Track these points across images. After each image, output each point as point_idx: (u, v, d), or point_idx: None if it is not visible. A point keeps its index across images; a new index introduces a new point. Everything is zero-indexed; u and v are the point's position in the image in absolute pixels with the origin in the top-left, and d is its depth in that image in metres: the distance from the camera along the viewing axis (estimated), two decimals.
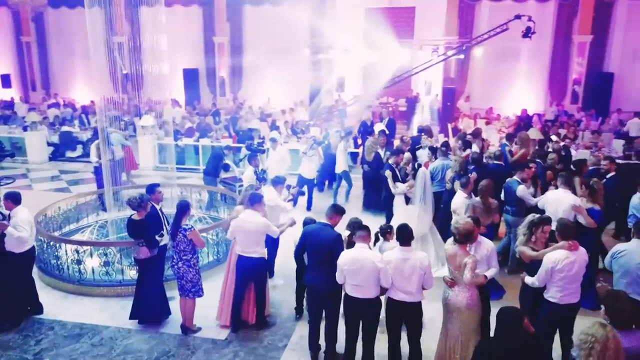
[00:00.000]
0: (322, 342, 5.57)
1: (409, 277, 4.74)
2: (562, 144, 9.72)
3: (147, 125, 14.10)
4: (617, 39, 18.35)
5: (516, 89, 19.29)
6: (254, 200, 5.96)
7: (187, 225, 5.84)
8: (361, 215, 8.79)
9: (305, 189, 9.88)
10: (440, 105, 18.18)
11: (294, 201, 9.38)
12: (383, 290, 4.93)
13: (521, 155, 9.46)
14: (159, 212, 6.36)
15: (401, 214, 7.35)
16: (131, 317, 6.24)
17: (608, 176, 8.04)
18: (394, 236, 5.25)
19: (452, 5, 18.87)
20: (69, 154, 15.32)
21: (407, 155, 8.58)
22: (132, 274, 7.11)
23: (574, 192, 7.00)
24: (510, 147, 10.31)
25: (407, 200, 7.89)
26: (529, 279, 4.96)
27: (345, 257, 4.91)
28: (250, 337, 6.02)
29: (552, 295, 4.80)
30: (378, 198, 9.93)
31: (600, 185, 6.79)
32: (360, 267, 4.81)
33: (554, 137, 10.52)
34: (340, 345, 5.45)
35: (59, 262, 7.21)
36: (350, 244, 5.19)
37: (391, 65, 18.54)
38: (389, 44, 18.36)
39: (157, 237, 6.11)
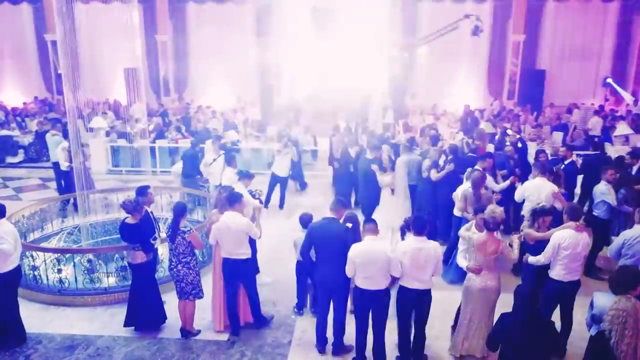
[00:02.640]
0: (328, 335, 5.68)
1: (424, 265, 4.94)
2: (517, 136, 10.37)
3: (99, 128, 13.49)
4: (548, 38, 19.72)
5: (458, 86, 20.24)
6: (233, 201, 5.81)
7: (185, 227, 5.75)
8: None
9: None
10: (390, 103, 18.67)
11: (266, 202, 9.45)
12: (394, 281, 5.10)
13: (479, 148, 10.00)
14: (150, 214, 6.20)
15: (387, 205, 7.58)
16: (126, 324, 6.04)
17: (566, 162, 8.72)
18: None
19: (395, 4, 19.47)
20: (10, 159, 14.35)
21: (386, 148, 8.86)
22: (113, 281, 6.86)
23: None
24: (468, 140, 10.88)
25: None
26: (532, 259, 5.37)
27: (357, 250, 5.04)
28: (252, 336, 6.00)
29: (557, 273, 5.23)
30: (348, 193, 10.21)
31: (562, 172, 7.46)
32: (372, 259, 4.96)
33: (509, 131, 11.19)
34: (347, 338, 5.62)
35: (36, 273, 6.81)
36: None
37: (341, 63, 18.90)
38: (336, 42, 18.71)
39: (151, 241, 5.96)
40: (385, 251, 4.98)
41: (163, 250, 6.85)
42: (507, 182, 7.90)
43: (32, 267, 6.80)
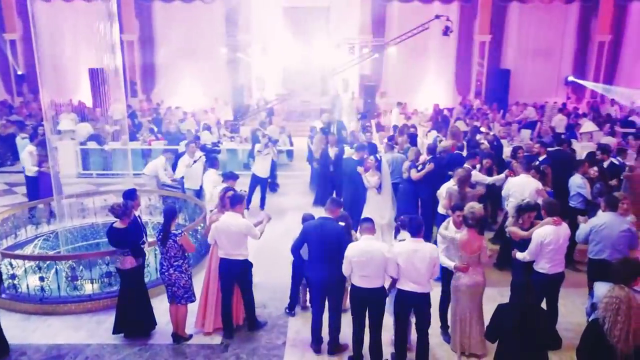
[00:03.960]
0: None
1: (419, 267, 4.93)
2: (491, 133, 10.63)
3: (67, 130, 13.08)
4: (512, 39, 20.29)
5: (427, 85, 20.58)
6: (235, 202, 5.83)
7: (176, 230, 5.66)
8: (313, 210, 9.07)
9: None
10: (360, 103, 18.86)
11: (247, 203, 9.37)
12: (393, 283, 5.13)
13: (451, 146, 10.18)
14: (138, 218, 6.07)
15: (373, 204, 7.65)
16: (115, 332, 5.90)
17: (540, 159, 8.99)
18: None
19: (365, 5, 19.65)
20: None
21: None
22: (97, 287, 6.68)
23: None
24: (442, 138, 11.10)
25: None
26: (520, 255, 5.53)
27: (354, 249, 5.08)
28: (245, 338, 5.96)
29: (542, 266, 5.42)
30: (329, 193, 10.24)
31: (549, 170, 7.69)
32: (369, 258, 5.01)
33: (483, 129, 11.45)
34: (342, 336, 5.65)
35: (15, 281, 6.56)
36: None
37: (311, 64, 18.93)
38: (307, 42, 18.72)
39: (141, 245, 5.84)
40: (382, 250, 5.03)
41: (148, 255, 6.71)
42: (500, 175, 8.02)
43: (11, 276, 6.55)
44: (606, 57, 20.06)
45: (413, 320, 5.31)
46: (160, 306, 6.22)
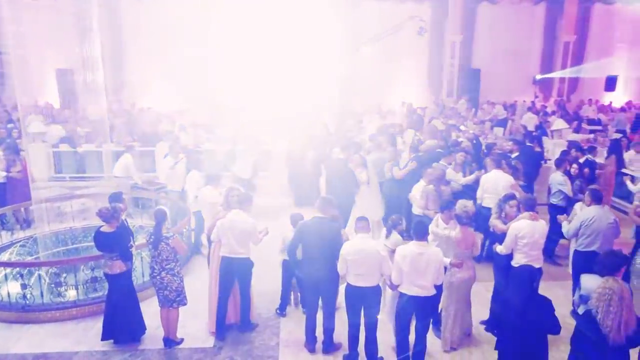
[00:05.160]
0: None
1: (424, 271, 4.91)
2: (470, 131, 10.84)
3: (37, 132, 12.70)
4: (482, 39, 20.72)
5: (400, 85, 20.80)
6: (244, 201, 5.86)
7: (168, 233, 5.58)
8: (296, 209, 9.07)
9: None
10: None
11: None
12: (394, 286, 5.14)
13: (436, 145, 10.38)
14: (125, 222, 5.96)
15: (365, 200, 7.72)
16: (104, 338, 5.77)
17: (513, 156, 9.23)
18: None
19: (338, 4, 19.68)
20: None
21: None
22: (81, 293, 6.53)
23: None
24: (420, 137, 11.26)
25: None
26: (498, 248, 5.68)
27: (350, 248, 5.11)
28: (238, 340, 5.92)
29: (518, 261, 5.56)
30: (309, 192, 10.28)
31: (520, 165, 7.92)
32: (365, 256, 5.05)
33: (462, 127, 11.66)
34: (336, 335, 5.67)
35: None
36: None
37: (286, 64, 18.85)
38: (282, 43, 18.66)
39: (131, 249, 5.73)
40: (377, 249, 5.08)
41: (134, 259, 6.59)
42: (473, 176, 8.20)
43: None
44: (571, 57, 20.71)
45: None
46: (148, 310, 6.13)
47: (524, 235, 5.51)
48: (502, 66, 20.79)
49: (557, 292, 6.81)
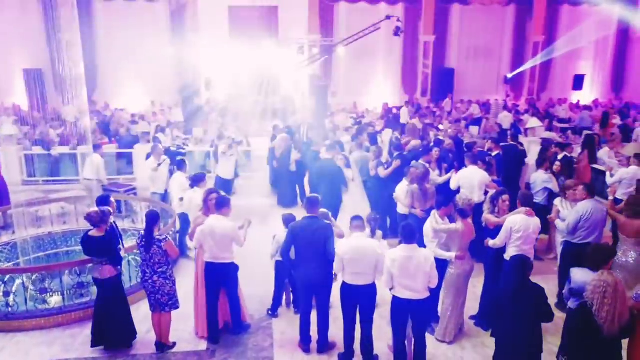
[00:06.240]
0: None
1: (415, 275, 4.87)
2: (450, 130, 11.02)
3: (9, 134, 12.30)
4: (455, 39, 21.08)
5: (375, 85, 20.98)
6: (222, 205, 5.74)
7: (160, 235, 5.50)
8: (279, 210, 9.09)
9: None
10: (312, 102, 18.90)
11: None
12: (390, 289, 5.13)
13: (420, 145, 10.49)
14: (114, 225, 5.84)
15: (355, 197, 7.77)
16: (94, 345, 5.64)
17: (494, 154, 9.43)
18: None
19: (313, 5, 19.75)
20: None
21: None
22: (64, 300, 6.37)
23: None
24: (398, 135, 11.40)
25: None
26: (492, 242, 5.82)
27: (346, 247, 5.13)
28: (231, 342, 5.87)
29: (510, 254, 5.65)
30: (292, 192, 10.28)
31: (494, 161, 8.18)
32: (362, 255, 5.08)
33: (441, 126, 11.84)
34: (330, 334, 5.69)
35: None
36: None
37: (260, 64, 18.79)
38: (255, 42, 18.57)
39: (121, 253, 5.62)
40: (374, 247, 5.11)
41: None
42: (449, 174, 8.33)
43: None
44: (541, 56, 21.25)
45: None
46: (137, 314, 6.03)
47: (519, 229, 5.66)
48: (474, 66, 21.22)
49: (543, 286, 7.00)
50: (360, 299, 5.24)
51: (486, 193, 7.29)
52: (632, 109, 18.58)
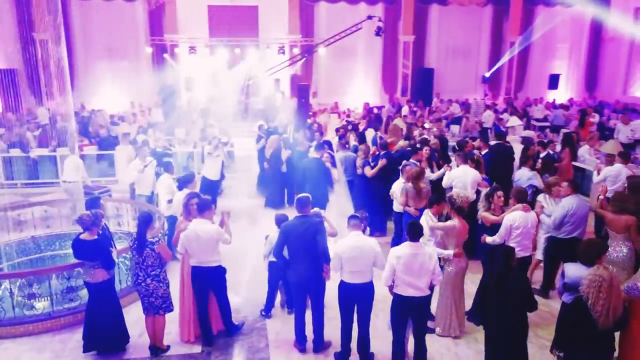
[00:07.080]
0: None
1: (419, 272, 4.88)
2: (435, 129, 11.14)
3: None
4: (434, 39, 21.31)
5: (356, 84, 21.08)
6: (203, 208, 5.61)
7: (153, 238, 5.43)
8: (268, 211, 9.05)
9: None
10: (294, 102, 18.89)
11: None
12: (390, 288, 5.13)
13: (392, 143, 10.55)
14: (106, 227, 5.75)
15: (341, 197, 7.80)
16: (86, 350, 5.54)
17: (483, 152, 9.56)
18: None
19: (293, 5, 19.74)
20: None
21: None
22: (53, 305, 6.22)
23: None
24: (381, 135, 11.49)
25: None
26: (489, 239, 5.93)
27: (344, 245, 5.13)
28: (225, 344, 5.83)
29: None
30: (280, 193, 10.26)
31: (482, 159, 8.31)
32: (360, 253, 5.08)
33: (427, 125, 11.95)
34: (325, 333, 5.70)
35: None
36: None
37: (241, 64, 18.74)
38: (235, 42, 18.49)
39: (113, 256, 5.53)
40: (372, 245, 5.14)
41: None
42: (442, 170, 8.42)
43: None
44: (517, 56, 21.65)
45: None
46: (129, 318, 5.94)
47: (519, 226, 5.78)
48: (453, 65, 21.50)
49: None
50: (358, 298, 5.25)
51: (477, 192, 7.39)
52: (606, 108, 19.08)
